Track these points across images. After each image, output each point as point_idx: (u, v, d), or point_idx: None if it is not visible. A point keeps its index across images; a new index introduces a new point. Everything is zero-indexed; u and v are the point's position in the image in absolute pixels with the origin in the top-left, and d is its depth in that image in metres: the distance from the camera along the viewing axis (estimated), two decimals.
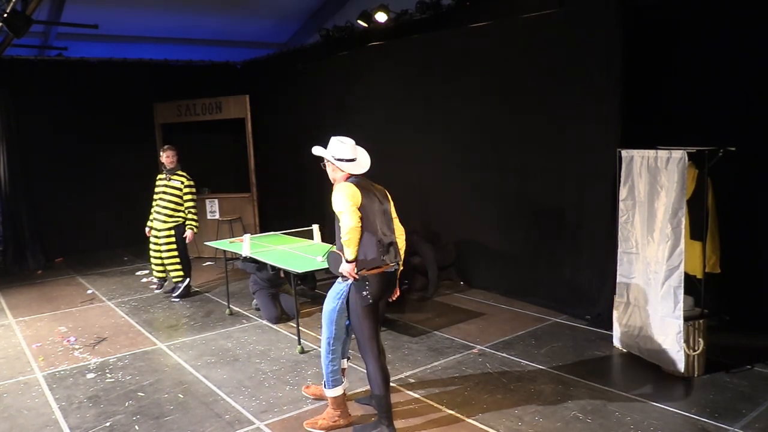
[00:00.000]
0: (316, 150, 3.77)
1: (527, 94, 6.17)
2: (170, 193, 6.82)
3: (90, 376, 4.78)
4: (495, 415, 3.85)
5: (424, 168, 7.49)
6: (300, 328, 5.39)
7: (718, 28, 4.96)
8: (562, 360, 4.72)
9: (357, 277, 3.50)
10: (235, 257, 6.79)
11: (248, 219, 9.21)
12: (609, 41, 5.29)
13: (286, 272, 5.32)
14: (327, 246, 6.13)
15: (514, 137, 6.37)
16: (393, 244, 3.68)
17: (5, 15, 5.52)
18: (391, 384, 4.33)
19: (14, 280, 8.28)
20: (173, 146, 6.96)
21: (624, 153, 4.74)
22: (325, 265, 5.05)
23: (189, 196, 6.85)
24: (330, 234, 6.87)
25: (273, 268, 5.45)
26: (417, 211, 7.55)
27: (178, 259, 6.91)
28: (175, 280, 7.01)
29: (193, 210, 6.89)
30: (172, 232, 6.84)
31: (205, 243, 6.97)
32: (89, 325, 6.10)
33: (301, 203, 9.62)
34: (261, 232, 8.10)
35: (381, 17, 7.57)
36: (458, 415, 3.87)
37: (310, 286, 6.76)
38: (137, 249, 9.47)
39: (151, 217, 6.96)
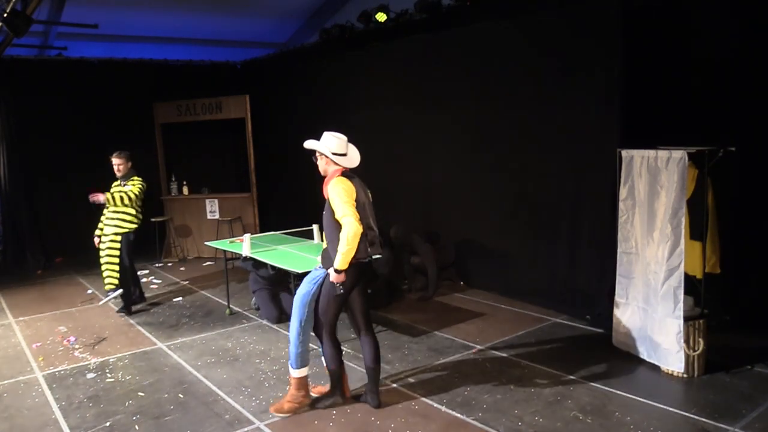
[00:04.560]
0: (310, 143, 3.90)
1: (527, 94, 6.17)
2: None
3: (90, 375, 4.78)
4: (495, 415, 3.85)
5: (424, 168, 7.49)
6: None
7: (718, 28, 4.96)
8: (562, 360, 4.72)
9: (343, 281, 3.71)
10: (235, 257, 6.80)
11: (248, 219, 9.21)
12: (609, 41, 5.29)
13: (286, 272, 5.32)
14: None
15: (514, 137, 6.37)
16: (377, 236, 3.89)
17: (5, 15, 5.52)
18: (392, 384, 4.38)
19: (14, 280, 8.27)
20: (122, 152, 6.39)
21: (624, 153, 4.74)
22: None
23: (137, 188, 6.29)
24: None
25: (273, 268, 5.45)
26: (417, 211, 7.55)
27: (117, 267, 6.38)
28: (107, 287, 6.42)
29: (131, 194, 6.23)
30: (117, 238, 6.37)
31: (205, 243, 6.97)
32: (89, 325, 6.10)
33: (301, 203, 9.61)
34: (261, 232, 8.11)
35: (381, 17, 7.57)
36: (458, 415, 3.87)
37: None
38: (137, 249, 9.44)
39: (100, 225, 6.56)
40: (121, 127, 9.78)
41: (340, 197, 3.65)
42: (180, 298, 7.04)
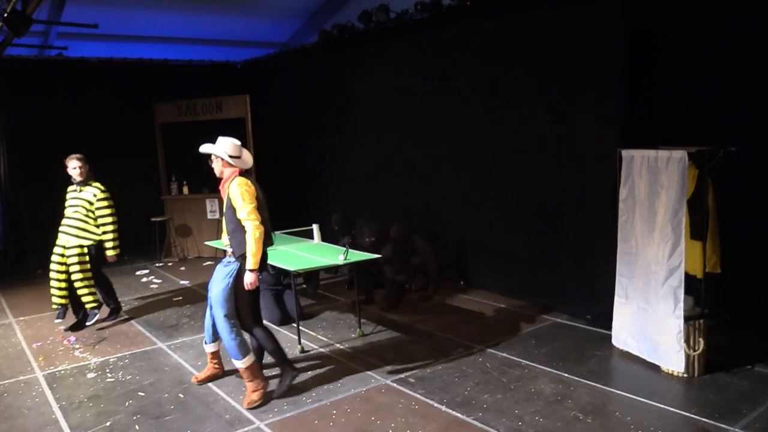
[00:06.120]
0: (206, 147, 4.22)
1: (527, 94, 6.17)
2: (81, 206, 5.86)
3: (90, 375, 4.78)
4: (495, 415, 3.85)
5: (424, 168, 7.49)
6: (300, 328, 5.39)
7: (719, 27, 4.96)
8: (562, 360, 4.72)
9: (257, 284, 4.04)
10: None
11: None
12: (610, 40, 5.29)
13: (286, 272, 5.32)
14: (328, 245, 6.13)
15: (514, 137, 6.37)
16: (270, 229, 4.21)
17: (5, 14, 5.52)
18: (392, 383, 4.38)
19: (14, 280, 8.27)
20: (80, 155, 5.93)
21: (624, 153, 4.74)
22: (333, 264, 5.06)
23: (105, 211, 5.83)
24: (330, 234, 6.88)
25: (273, 268, 5.45)
26: (417, 211, 7.55)
27: (90, 282, 5.90)
28: (88, 306, 5.93)
29: (110, 227, 5.84)
30: (84, 250, 5.83)
31: (205, 243, 6.96)
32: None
33: (301, 203, 9.62)
34: None
35: (381, 17, 7.57)
36: (458, 415, 3.87)
37: (312, 286, 6.73)
38: (137, 249, 9.48)
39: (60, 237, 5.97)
40: (121, 127, 9.79)
41: (244, 199, 3.95)
42: (180, 298, 7.04)
